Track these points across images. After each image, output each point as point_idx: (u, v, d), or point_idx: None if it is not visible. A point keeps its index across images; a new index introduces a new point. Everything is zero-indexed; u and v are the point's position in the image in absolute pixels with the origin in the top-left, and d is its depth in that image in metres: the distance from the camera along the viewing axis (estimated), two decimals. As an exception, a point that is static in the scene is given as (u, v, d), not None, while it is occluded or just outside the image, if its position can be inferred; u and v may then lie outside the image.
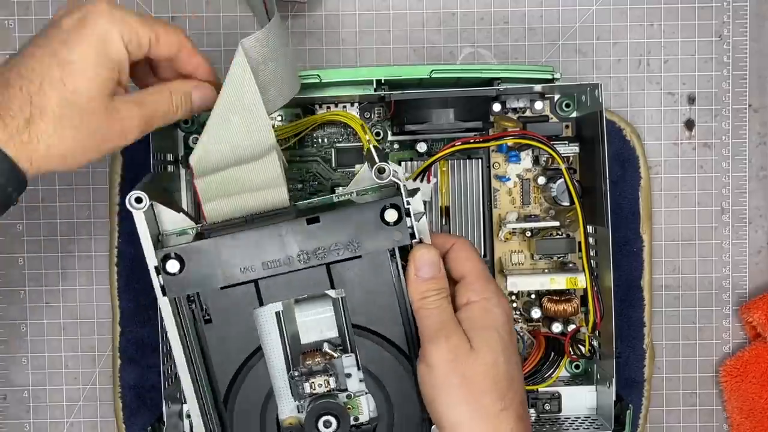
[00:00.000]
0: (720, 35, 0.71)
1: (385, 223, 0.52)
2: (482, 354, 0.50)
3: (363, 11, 0.71)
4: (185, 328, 0.53)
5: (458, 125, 0.63)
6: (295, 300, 0.54)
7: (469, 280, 0.53)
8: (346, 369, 0.54)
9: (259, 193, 0.54)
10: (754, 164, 0.72)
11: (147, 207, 0.51)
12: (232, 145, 0.53)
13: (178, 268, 0.51)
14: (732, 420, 0.71)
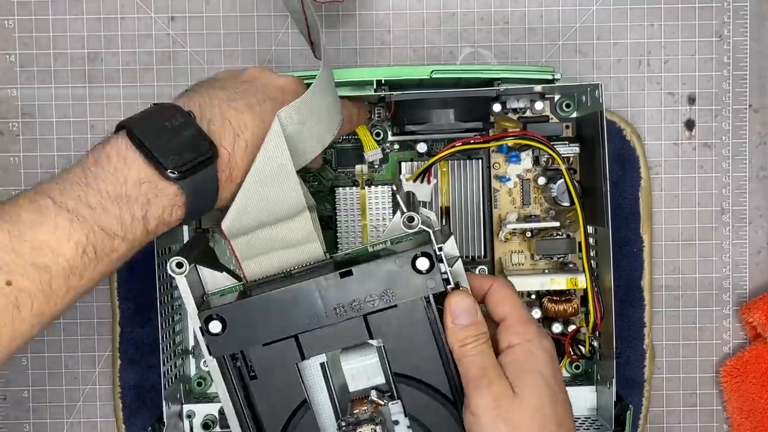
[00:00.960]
0: (720, 35, 0.71)
1: (418, 272, 0.51)
2: (526, 399, 0.49)
3: (363, 11, 0.71)
4: (233, 385, 0.54)
5: (458, 125, 0.63)
6: (341, 349, 0.55)
7: (509, 323, 0.52)
8: (393, 416, 0.54)
9: (294, 249, 0.54)
10: (754, 164, 0.72)
11: (188, 271, 0.52)
12: (266, 209, 0.53)
13: (220, 328, 0.52)
14: (732, 420, 0.71)
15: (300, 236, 0.54)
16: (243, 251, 0.54)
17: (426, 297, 0.52)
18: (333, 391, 0.55)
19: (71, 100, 0.70)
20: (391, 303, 0.52)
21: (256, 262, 0.54)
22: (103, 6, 0.70)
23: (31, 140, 0.70)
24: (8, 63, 0.70)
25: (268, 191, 0.52)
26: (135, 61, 0.70)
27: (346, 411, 0.55)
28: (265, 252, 0.54)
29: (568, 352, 0.66)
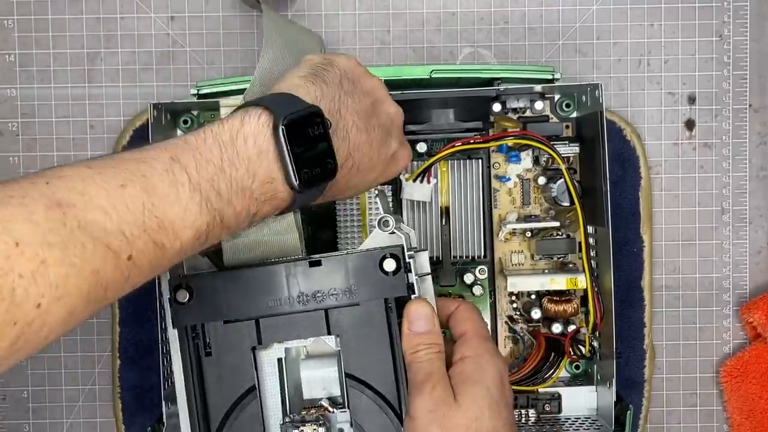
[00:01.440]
0: (720, 35, 0.71)
1: (384, 273, 0.52)
2: (464, 407, 0.49)
3: (363, 11, 0.71)
4: (189, 359, 0.54)
5: (458, 125, 0.63)
6: (303, 355, 0.55)
7: (466, 337, 0.53)
8: (339, 424, 0.55)
9: (273, 239, 0.54)
10: (754, 164, 0.72)
11: None
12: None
13: (187, 297, 0.53)
14: (732, 420, 0.71)
15: (281, 227, 0.54)
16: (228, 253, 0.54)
17: (388, 299, 0.52)
18: (285, 388, 0.55)
19: (71, 100, 0.70)
20: (354, 300, 0.52)
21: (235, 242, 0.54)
22: (103, 6, 0.70)
23: (30, 140, 0.70)
24: (8, 63, 0.70)
25: None
26: (134, 61, 0.70)
27: (293, 410, 0.55)
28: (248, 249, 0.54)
29: (568, 352, 0.66)
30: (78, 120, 0.70)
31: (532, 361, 0.67)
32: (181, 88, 0.70)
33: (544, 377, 0.67)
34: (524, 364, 0.67)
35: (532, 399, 0.67)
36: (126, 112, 0.70)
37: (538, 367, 0.67)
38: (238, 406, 0.54)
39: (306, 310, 0.52)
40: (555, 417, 0.67)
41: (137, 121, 0.68)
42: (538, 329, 0.68)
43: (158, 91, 0.70)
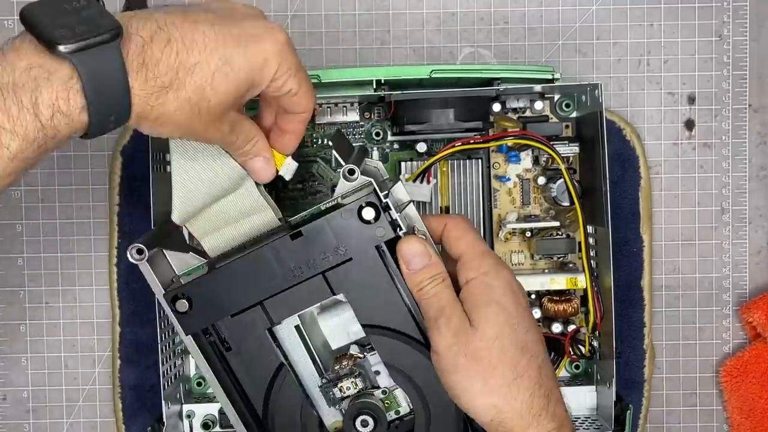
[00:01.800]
0: (720, 35, 0.71)
1: (365, 222, 0.52)
2: (482, 329, 0.50)
3: (363, 11, 0.71)
4: (212, 360, 0.55)
5: (458, 125, 0.63)
6: (318, 310, 0.55)
7: (465, 259, 0.52)
8: (374, 367, 0.55)
9: (247, 219, 0.55)
10: (754, 164, 0.72)
11: (147, 257, 0.52)
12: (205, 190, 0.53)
13: (187, 306, 0.53)
14: (732, 420, 0.71)
15: (249, 205, 0.54)
16: (198, 230, 0.55)
17: (378, 246, 0.52)
18: (312, 351, 0.56)
19: (71, 100, 0.70)
20: (346, 257, 0.52)
21: (214, 237, 0.55)
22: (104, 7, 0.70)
23: (30, 140, 0.70)
24: (8, 63, 0.70)
25: (198, 169, 0.52)
26: (135, 61, 0.70)
27: (328, 367, 0.56)
28: (220, 227, 0.55)
29: (568, 352, 0.66)
30: (78, 120, 0.70)
31: (532, 360, 0.67)
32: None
33: (544, 377, 0.67)
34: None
35: (532, 399, 0.67)
36: (126, 112, 0.70)
37: (538, 367, 0.67)
38: (274, 387, 0.55)
39: (304, 279, 0.53)
40: (555, 417, 0.67)
41: (137, 121, 0.68)
42: (538, 329, 0.68)
43: (158, 91, 0.70)
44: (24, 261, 0.71)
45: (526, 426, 0.49)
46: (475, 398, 0.50)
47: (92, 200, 0.71)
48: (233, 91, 0.47)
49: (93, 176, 0.71)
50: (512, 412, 0.49)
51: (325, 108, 0.67)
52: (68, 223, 0.71)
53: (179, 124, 0.46)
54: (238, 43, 0.46)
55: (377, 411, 0.54)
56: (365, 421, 0.54)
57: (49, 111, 0.42)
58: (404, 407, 0.56)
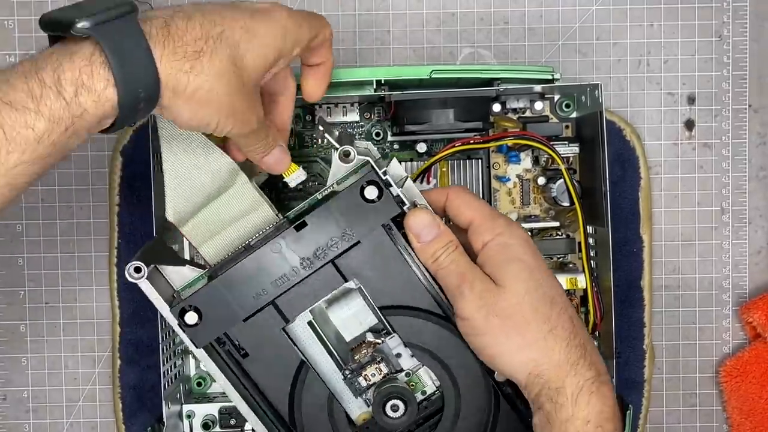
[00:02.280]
0: (720, 35, 0.71)
1: (369, 202, 0.51)
2: (510, 287, 0.50)
3: (363, 11, 0.71)
4: (229, 370, 0.54)
5: (458, 126, 0.63)
6: (326, 304, 0.55)
7: (477, 223, 0.52)
8: (394, 350, 0.55)
9: (245, 219, 0.54)
10: (754, 164, 0.72)
11: (146, 275, 0.51)
12: (198, 188, 0.53)
13: (196, 318, 0.52)
14: (732, 420, 0.71)
15: (246, 204, 0.54)
16: (195, 237, 0.54)
17: (385, 224, 0.52)
18: (329, 344, 0.55)
19: (71, 100, 0.70)
20: (354, 241, 0.52)
21: (212, 243, 0.54)
22: (103, 6, 0.70)
23: (30, 140, 0.70)
24: (8, 63, 0.70)
25: (190, 166, 0.52)
26: (135, 61, 0.70)
27: (347, 360, 0.55)
28: (218, 231, 0.54)
29: (567, 352, 0.66)
30: (78, 120, 0.70)
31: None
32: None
33: (544, 377, 0.67)
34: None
35: (532, 399, 0.67)
36: (126, 113, 0.70)
37: (538, 367, 0.67)
38: (297, 387, 0.55)
39: (314, 271, 0.52)
40: (555, 417, 0.67)
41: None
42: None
43: (158, 92, 0.70)
44: (24, 261, 0.71)
45: (564, 375, 0.49)
46: (512, 355, 0.50)
47: (92, 200, 0.71)
48: (262, 60, 0.47)
49: (93, 176, 0.71)
50: (550, 364, 0.49)
51: (325, 108, 0.67)
52: (68, 223, 0.71)
53: (220, 102, 0.45)
54: (254, 16, 0.47)
55: (406, 393, 0.54)
56: (395, 406, 0.54)
57: (73, 88, 0.41)
58: (430, 386, 0.56)
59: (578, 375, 0.49)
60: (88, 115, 0.42)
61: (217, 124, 0.46)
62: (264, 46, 0.47)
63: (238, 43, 0.45)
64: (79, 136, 0.42)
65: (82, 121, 0.42)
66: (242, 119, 0.47)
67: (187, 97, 0.44)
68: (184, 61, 0.43)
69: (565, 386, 0.49)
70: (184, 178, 0.52)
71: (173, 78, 0.43)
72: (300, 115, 0.67)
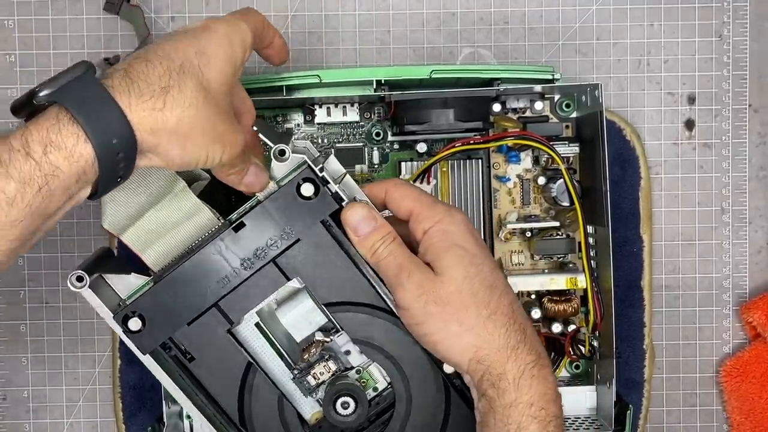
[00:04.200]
0: (720, 35, 0.71)
1: (306, 199, 0.51)
2: (448, 274, 0.50)
3: (363, 11, 0.71)
4: (176, 375, 0.54)
5: (458, 125, 0.63)
6: (275, 305, 0.55)
7: (416, 212, 0.52)
8: (342, 348, 0.55)
9: (186, 224, 0.53)
10: (754, 164, 0.72)
11: (88, 284, 0.51)
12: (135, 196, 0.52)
13: (140, 324, 0.52)
14: (732, 420, 0.71)
15: (186, 209, 0.53)
16: (136, 243, 0.53)
17: (324, 221, 0.52)
18: (278, 345, 0.55)
19: (71, 100, 0.70)
20: (293, 239, 0.52)
21: (154, 249, 0.53)
22: (103, 6, 0.70)
23: (31, 140, 0.70)
24: (8, 63, 0.70)
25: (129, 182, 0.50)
26: (135, 61, 0.70)
27: (296, 359, 0.55)
28: (159, 236, 0.53)
29: (568, 352, 0.66)
30: (78, 120, 0.70)
31: (532, 361, 0.67)
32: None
33: (544, 377, 0.67)
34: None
35: (532, 399, 0.67)
36: (126, 113, 0.70)
37: (538, 367, 0.67)
38: (245, 389, 0.55)
39: (255, 271, 0.52)
40: (555, 417, 0.67)
41: (137, 121, 0.68)
42: (538, 329, 0.68)
43: (158, 92, 0.70)
44: (24, 261, 0.71)
45: (505, 360, 0.49)
46: (452, 342, 0.50)
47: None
48: (224, 76, 0.47)
49: (93, 176, 0.71)
50: (490, 348, 0.49)
51: (325, 108, 0.67)
52: (69, 223, 0.71)
53: (203, 129, 0.45)
54: (200, 38, 0.47)
55: (355, 390, 0.54)
56: (346, 403, 0.54)
57: (41, 147, 0.41)
58: (381, 382, 0.56)
59: (519, 359, 0.49)
60: (61, 173, 0.42)
61: (207, 155, 0.46)
62: (221, 62, 0.47)
63: (199, 68, 0.46)
64: (55, 197, 0.42)
65: (57, 179, 0.42)
66: (229, 142, 0.47)
67: (170, 132, 0.44)
68: (154, 100, 0.44)
69: (507, 371, 0.49)
70: (121, 188, 0.51)
71: (149, 119, 0.43)
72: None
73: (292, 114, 0.67)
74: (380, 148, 0.68)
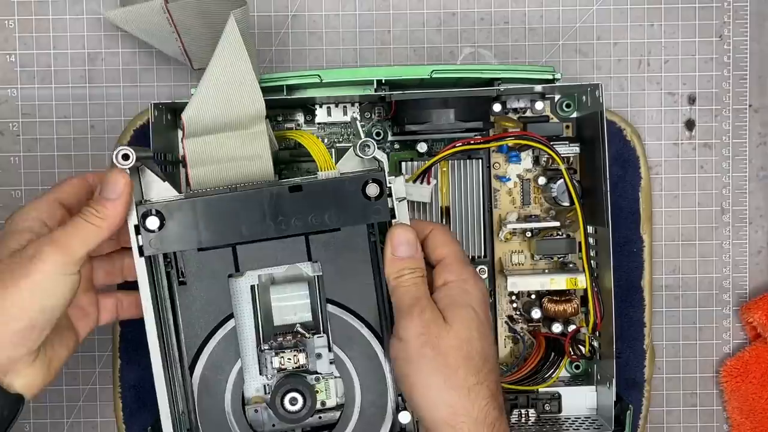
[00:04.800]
0: (720, 35, 0.71)
1: (366, 198, 0.52)
2: (456, 329, 0.50)
3: (363, 11, 0.71)
4: (159, 288, 0.53)
5: (458, 125, 0.63)
6: (271, 281, 0.54)
7: (447, 262, 0.53)
8: (317, 349, 0.54)
9: (245, 162, 0.53)
10: (754, 164, 0.72)
11: (132, 165, 0.49)
12: (224, 110, 0.52)
13: (157, 225, 0.51)
14: (732, 420, 0.71)
15: (253, 149, 0.53)
16: (193, 154, 0.53)
17: (370, 225, 0.52)
18: (258, 316, 0.55)
19: (71, 100, 0.70)
20: (335, 226, 0.52)
21: (205, 169, 0.53)
22: (104, 6, 0.70)
23: (31, 140, 0.70)
24: (8, 63, 0.70)
25: (229, 91, 0.52)
26: (135, 62, 0.70)
27: (268, 338, 0.54)
28: (216, 161, 0.53)
29: (568, 352, 0.66)
30: (79, 120, 0.70)
31: (532, 361, 0.67)
32: (181, 88, 0.70)
33: (544, 377, 0.67)
34: (524, 364, 0.67)
35: (532, 399, 0.67)
36: (127, 112, 0.70)
37: (538, 367, 0.67)
38: (213, 336, 0.53)
39: (285, 236, 0.52)
40: (555, 417, 0.67)
41: (138, 121, 0.68)
42: (538, 329, 0.68)
43: (159, 91, 0.70)
44: (24, 261, 0.71)
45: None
46: (430, 393, 0.50)
47: (93, 200, 0.71)
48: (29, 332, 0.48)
49: (93, 176, 0.71)
50: (468, 417, 0.49)
51: (325, 108, 0.67)
52: (69, 222, 0.71)
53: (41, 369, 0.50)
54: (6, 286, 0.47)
55: (311, 392, 0.53)
56: (294, 399, 0.53)
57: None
58: (332, 401, 0.55)
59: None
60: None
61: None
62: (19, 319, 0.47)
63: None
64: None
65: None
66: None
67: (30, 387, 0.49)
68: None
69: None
70: (218, 93, 0.51)
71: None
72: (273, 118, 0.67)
73: (293, 114, 0.67)
74: (381, 147, 0.67)
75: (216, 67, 0.52)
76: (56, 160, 0.70)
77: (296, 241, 0.52)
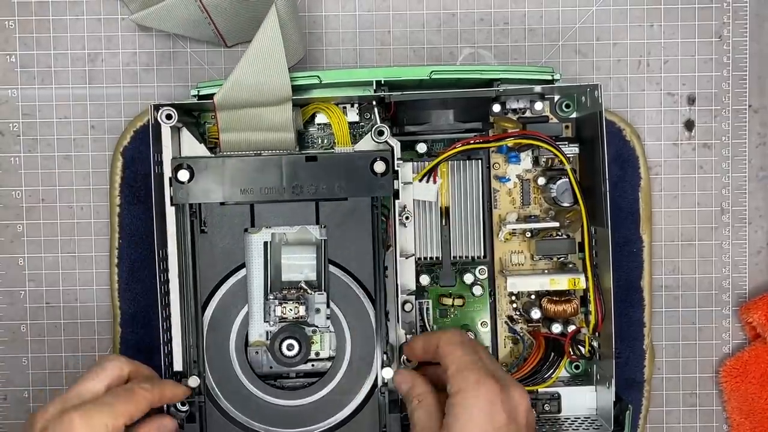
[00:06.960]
0: (720, 36, 0.71)
1: (374, 173, 0.59)
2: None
3: (363, 11, 0.71)
4: (182, 234, 0.60)
5: (458, 126, 0.63)
6: (284, 241, 0.63)
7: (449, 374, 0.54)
8: (316, 304, 0.62)
9: (271, 133, 0.60)
10: (754, 165, 0.72)
11: (174, 124, 0.59)
12: (257, 88, 0.59)
13: (187, 177, 0.59)
14: (732, 420, 0.71)
15: (279, 121, 0.60)
16: (225, 122, 0.60)
17: (375, 198, 0.60)
18: (269, 269, 0.63)
19: (72, 100, 0.70)
20: (343, 196, 0.60)
21: (235, 135, 0.61)
22: (104, 6, 0.70)
23: (31, 140, 0.70)
24: (9, 63, 0.70)
25: (262, 71, 0.58)
26: (135, 62, 0.70)
27: (274, 290, 0.62)
28: (245, 128, 0.60)
29: (567, 353, 0.66)
30: (79, 120, 0.70)
31: (531, 361, 0.67)
32: (181, 89, 0.70)
33: (544, 377, 0.67)
34: (524, 364, 0.67)
35: (531, 399, 0.67)
36: (127, 113, 0.70)
37: (538, 367, 0.67)
38: (225, 282, 0.61)
39: (298, 199, 0.59)
40: (555, 417, 0.67)
41: (138, 121, 0.68)
42: (538, 329, 0.68)
43: (159, 92, 0.70)
44: (25, 261, 0.71)
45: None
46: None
47: (93, 201, 0.71)
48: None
49: (94, 177, 0.71)
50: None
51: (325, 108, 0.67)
52: (69, 223, 0.71)
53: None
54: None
55: (306, 341, 0.61)
56: (291, 345, 0.60)
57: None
58: (325, 352, 0.63)
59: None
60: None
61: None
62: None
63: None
64: None
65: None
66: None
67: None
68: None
69: None
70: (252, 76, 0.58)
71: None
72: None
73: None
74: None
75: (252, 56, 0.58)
76: (56, 160, 0.70)
77: (307, 205, 0.60)
